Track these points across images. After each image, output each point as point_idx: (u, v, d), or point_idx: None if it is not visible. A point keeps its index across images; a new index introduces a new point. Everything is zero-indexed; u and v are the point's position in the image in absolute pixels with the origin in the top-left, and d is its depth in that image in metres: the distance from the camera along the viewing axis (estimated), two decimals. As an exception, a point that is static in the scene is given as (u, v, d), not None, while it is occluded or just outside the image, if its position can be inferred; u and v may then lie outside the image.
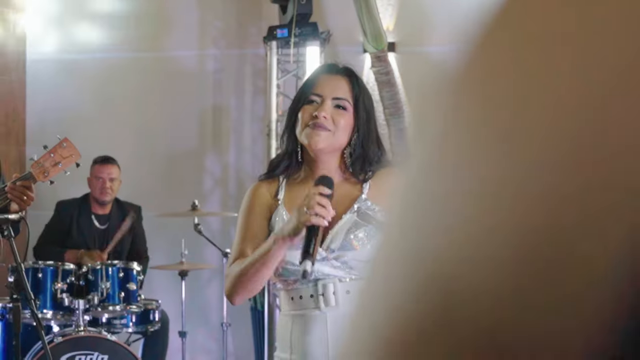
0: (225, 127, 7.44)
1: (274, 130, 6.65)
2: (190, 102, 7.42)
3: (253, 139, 7.42)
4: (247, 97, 7.42)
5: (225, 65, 7.42)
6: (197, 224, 5.86)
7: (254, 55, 7.39)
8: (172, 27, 7.43)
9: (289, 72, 6.82)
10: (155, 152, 7.43)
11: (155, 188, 7.29)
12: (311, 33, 6.48)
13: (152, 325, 5.90)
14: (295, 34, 6.43)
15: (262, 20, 7.35)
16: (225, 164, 7.45)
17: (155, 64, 7.38)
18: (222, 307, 7.10)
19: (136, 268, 5.71)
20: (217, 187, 7.45)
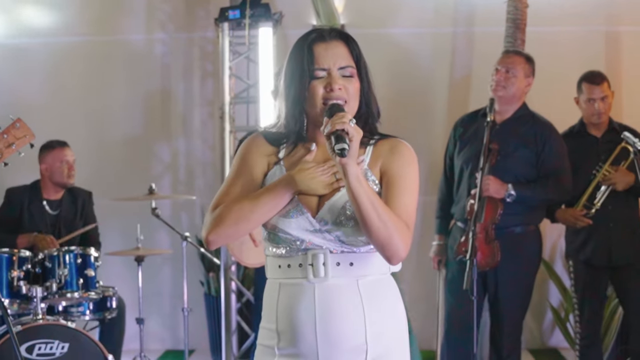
0: (174, 112, 7.35)
1: (227, 113, 6.58)
2: (138, 87, 7.31)
3: (203, 123, 7.34)
4: (195, 81, 7.33)
5: (174, 49, 7.32)
6: (154, 207, 5.76)
7: (202, 38, 7.31)
8: (120, 11, 7.31)
9: (240, 54, 6.75)
10: (104, 137, 7.31)
11: (104, 173, 7.18)
12: (264, 14, 6.43)
13: (110, 312, 5.80)
14: (248, 15, 6.35)
15: (210, 3, 7.28)
16: (174, 149, 7.36)
17: (103, 48, 7.25)
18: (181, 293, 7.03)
19: (94, 254, 5.60)
20: (167, 172, 7.36)
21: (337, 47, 2.77)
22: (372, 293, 2.74)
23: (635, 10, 7.09)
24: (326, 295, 2.71)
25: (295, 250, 2.73)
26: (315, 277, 2.71)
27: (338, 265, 2.71)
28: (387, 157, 2.76)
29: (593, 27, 7.13)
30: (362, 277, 2.73)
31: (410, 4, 7.17)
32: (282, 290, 2.76)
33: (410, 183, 2.74)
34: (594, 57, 6.88)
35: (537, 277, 7.01)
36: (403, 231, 2.63)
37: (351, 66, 2.76)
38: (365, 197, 2.57)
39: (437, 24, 7.21)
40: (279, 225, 2.73)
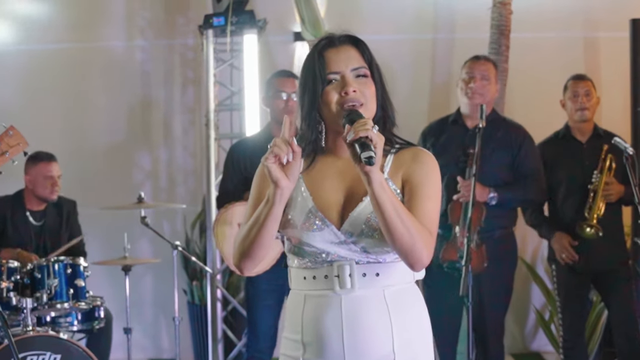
0: (155, 119, 7.29)
1: (212, 120, 6.53)
2: (118, 94, 7.25)
3: (184, 131, 7.30)
4: (176, 88, 7.29)
5: (154, 56, 7.27)
6: (143, 216, 5.71)
7: (182, 45, 7.27)
8: (100, 18, 7.24)
9: (224, 61, 6.71)
10: (84, 145, 7.24)
11: (84, 182, 7.10)
12: (248, 21, 6.40)
13: (99, 322, 5.74)
14: (232, 23, 6.32)
15: (190, 10, 7.24)
16: (155, 157, 7.30)
17: (82, 55, 7.18)
18: (164, 302, 6.99)
19: (83, 264, 5.55)
20: (148, 180, 7.30)
21: (348, 50, 2.75)
22: (398, 302, 2.73)
23: (612, 16, 7.16)
24: (353, 306, 2.70)
25: (320, 262, 2.72)
26: (341, 289, 2.70)
27: (364, 276, 2.70)
28: (409, 165, 2.74)
29: (571, 33, 7.19)
30: (388, 287, 2.72)
31: (391, 11, 7.18)
32: (307, 301, 2.75)
33: (433, 190, 2.73)
34: (573, 63, 6.94)
35: (519, 280, 7.11)
36: (426, 237, 2.62)
37: (364, 67, 2.74)
38: (389, 204, 2.55)
39: (418, 30, 7.23)
40: (304, 239, 2.72)
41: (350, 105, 2.67)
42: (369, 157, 2.49)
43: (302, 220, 2.71)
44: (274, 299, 5.51)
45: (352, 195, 2.72)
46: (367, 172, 2.52)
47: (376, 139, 2.51)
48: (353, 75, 2.72)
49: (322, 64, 2.73)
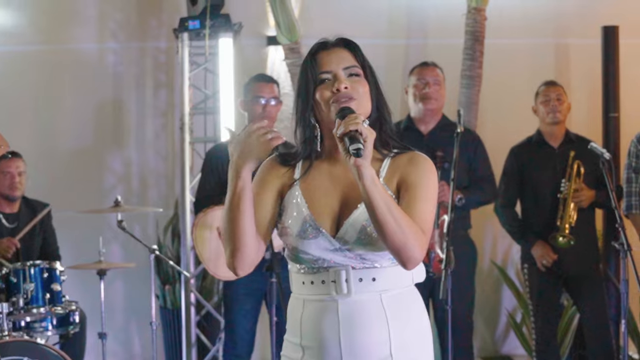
0: (127, 122, 7.23)
1: (187, 124, 6.50)
2: (89, 97, 7.18)
3: (156, 135, 7.24)
4: (148, 91, 7.23)
5: (126, 58, 7.21)
6: (120, 220, 5.67)
7: (155, 48, 7.22)
8: (71, 20, 7.17)
9: (198, 64, 6.68)
10: (54, 148, 7.16)
11: (54, 185, 7.02)
12: (224, 25, 6.38)
13: (73, 327, 5.68)
14: (208, 26, 6.30)
15: (163, 13, 7.20)
16: (127, 160, 7.24)
17: (53, 57, 7.10)
18: (136, 307, 6.95)
19: (59, 268, 5.51)
20: (119, 184, 7.24)
21: (340, 52, 2.78)
22: (396, 306, 2.74)
23: (582, 23, 7.24)
24: (350, 311, 2.71)
25: (317, 268, 2.73)
26: (338, 294, 2.71)
27: (361, 281, 2.71)
28: (405, 168, 2.74)
29: (543, 40, 7.25)
30: (385, 292, 2.73)
31: (364, 15, 7.18)
32: (306, 306, 2.77)
33: (428, 191, 2.72)
34: (544, 69, 7.01)
35: (490, 283, 7.18)
36: (418, 235, 2.61)
37: (356, 66, 2.76)
38: (381, 199, 2.54)
39: (391, 35, 7.25)
40: (299, 246, 2.73)
41: (343, 100, 2.67)
42: (357, 148, 2.50)
43: (298, 228, 2.72)
44: (251, 304, 5.51)
45: (347, 202, 2.72)
46: (358, 166, 2.52)
47: (366, 133, 2.53)
48: (345, 74, 2.73)
49: (314, 65, 2.76)
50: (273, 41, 7.12)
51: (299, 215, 2.73)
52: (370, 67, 2.81)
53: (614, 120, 6.53)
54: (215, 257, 5.36)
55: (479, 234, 6.99)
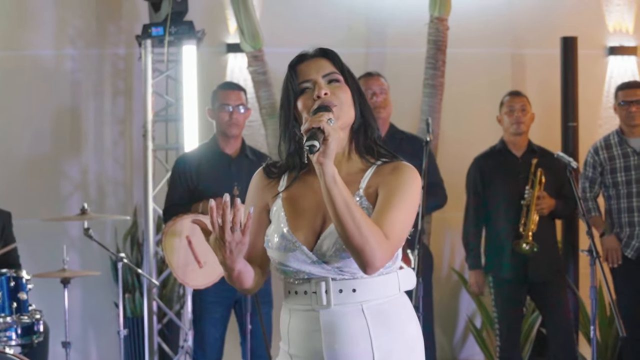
0: (84, 130, 7.15)
1: (150, 131, 6.45)
2: (47, 104, 7.09)
3: (114, 142, 7.17)
4: (106, 98, 7.16)
5: (84, 65, 7.13)
6: (87, 228, 5.60)
7: (113, 55, 7.15)
8: (28, 26, 7.07)
9: (160, 71, 6.64)
10: (10, 155, 7.05)
11: (10, 192, 6.89)
12: (187, 32, 6.34)
13: (38, 336, 5.58)
14: (171, 33, 6.27)
15: (122, 19, 7.14)
16: (84, 168, 7.16)
17: (10, 63, 6.99)
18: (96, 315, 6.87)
19: (26, 276, 5.40)
20: (77, 192, 7.15)
21: (318, 61, 2.79)
22: (378, 316, 2.72)
23: (539, 33, 7.35)
24: (331, 322, 2.72)
25: (299, 279, 2.74)
26: (318, 305, 2.71)
27: (341, 292, 2.71)
28: (386, 177, 2.73)
29: (502, 49, 7.34)
30: (367, 302, 2.72)
31: (324, 24, 7.21)
32: (292, 315, 2.79)
33: (403, 200, 2.68)
34: (504, 78, 7.11)
35: (448, 290, 7.24)
36: (379, 240, 2.57)
37: (335, 72, 2.76)
38: (340, 198, 2.53)
39: (351, 44, 7.27)
40: (279, 259, 2.74)
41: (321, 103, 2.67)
42: (310, 145, 2.48)
43: (277, 241, 2.73)
44: (221, 312, 5.50)
45: (326, 214, 2.70)
46: (319, 164, 2.52)
47: (329, 131, 2.51)
48: (325, 81, 2.73)
49: (294, 76, 2.76)
50: (232, 48, 7.12)
51: (278, 228, 2.75)
52: (351, 73, 2.81)
53: (572, 129, 6.64)
54: (184, 265, 5.33)
55: (437, 241, 7.07)
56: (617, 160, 6.12)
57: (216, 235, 2.57)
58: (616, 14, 7.49)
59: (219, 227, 2.55)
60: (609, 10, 7.47)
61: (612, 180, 6.13)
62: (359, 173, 2.75)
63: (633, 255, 6.04)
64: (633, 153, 6.10)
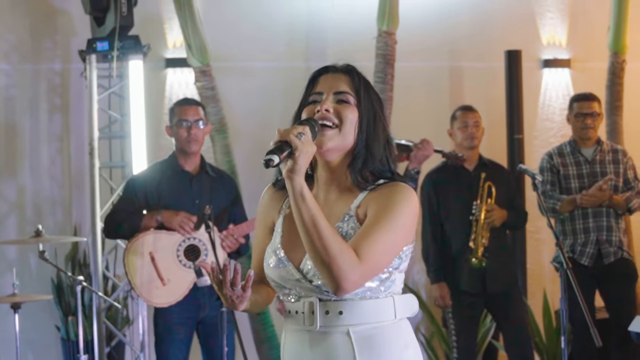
0: (20, 148, 6.90)
1: (96, 148, 6.26)
2: (-21, 121, 6.83)
3: (51, 160, 6.94)
4: (42, 115, 6.92)
5: (18, 81, 6.89)
6: (42, 251, 5.39)
7: (49, 70, 6.92)
8: (-40, 41, 6.81)
9: (104, 87, 6.46)
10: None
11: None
12: (133, 47, 6.19)
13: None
14: (117, 47, 6.11)
15: (57, 34, 6.93)
16: (20, 187, 6.91)
17: (-59, 80, 6.72)
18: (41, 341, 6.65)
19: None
20: (12, 212, 6.90)
21: (338, 76, 2.70)
22: (366, 343, 2.62)
23: (475, 46, 7.44)
24: (318, 344, 2.65)
25: (290, 298, 2.69)
26: (306, 326, 2.65)
27: (327, 313, 2.63)
28: (379, 197, 2.62)
29: (439, 63, 7.40)
30: (354, 326, 2.62)
31: (265, 38, 7.15)
32: (286, 336, 2.75)
33: (390, 221, 2.56)
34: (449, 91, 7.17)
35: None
36: (349, 261, 2.47)
37: (349, 93, 2.66)
38: (307, 214, 2.47)
39: (291, 58, 7.23)
40: (269, 274, 2.71)
41: (323, 125, 2.60)
42: (266, 159, 2.43)
43: (273, 259, 2.69)
44: (184, 333, 5.37)
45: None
46: (288, 178, 2.47)
47: (297, 145, 2.44)
48: (335, 98, 2.65)
49: (311, 86, 2.72)
50: (171, 63, 7.00)
51: (273, 244, 2.72)
52: (372, 98, 2.69)
53: (518, 141, 6.71)
54: (148, 282, 5.21)
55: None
56: (570, 168, 6.23)
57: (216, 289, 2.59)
58: (550, 27, 7.63)
59: (217, 282, 2.57)
60: (542, 23, 7.61)
61: (565, 187, 6.22)
62: (353, 192, 2.67)
63: (589, 263, 6.13)
64: (585, 162, 6.21)
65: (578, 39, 7.67)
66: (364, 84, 2.70)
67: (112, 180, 6.53)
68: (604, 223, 6.17)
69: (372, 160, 2.66)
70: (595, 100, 6.28)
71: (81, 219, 6.88)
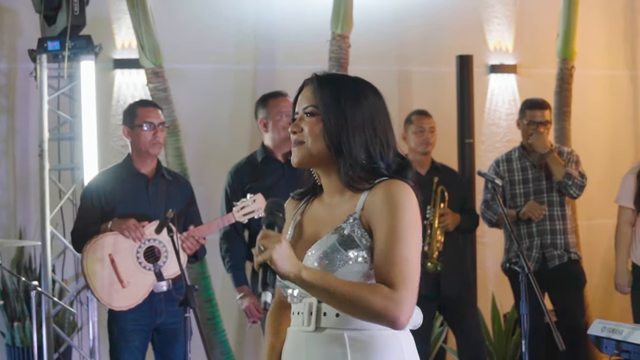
0: (-38, 151, 6.73)
1: (46, 150, 6.10)
2: None
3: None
4: (-15, 116, 6.76)
5: (-41, 81, 6.72)
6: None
7: (-9, 70, 6.76)
8: None
9: (54, 88, 6.32)
10: None
11: None
12: (85, 47, 6.06)
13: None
14: (69, 47, 5.98)
15: (3, 34, 6.77)
16: (-37, 190, 6.74)
17: None
18: None
19: None
20: (-45, 216, 6.73)
21: (306, 91, 2.70)
22: (361, 349, 2.58)
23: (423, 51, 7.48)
24: (315, 346, 2.63)
25: (293, 299, 2.69)
26: (303, 327, 2.65)
27: (325, 315, 2.61)
28: (377, 204, 2.57)
29: (388, 67, 7.41)
30: (351, 331, 2.58)
31: (213, 41, 7.08)
32: (288, 336, 2.75)
33: (405, 235, 2.53)
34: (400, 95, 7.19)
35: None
36: (385, 299, 2.46)
37: (312, 105, 2.65)
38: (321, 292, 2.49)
39: (239, 61, 7.18)
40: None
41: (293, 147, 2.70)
42: (263, 302, 2.43)
43: None
44: (139, 340, 5.28)
45: (316, 236, 2.65)
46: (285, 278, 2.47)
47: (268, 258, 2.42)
48: (303, 115, 2.68)
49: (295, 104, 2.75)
50: (120, 64, 6.89)
51: None
52: (335, 103, 2.63)
53: (469, 146, 6.75)
54: (109, 285, 5.11)
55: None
56: (516, 173, 6.29)
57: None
58: (496, 33, 7.70)
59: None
60: (489, 29, 7.68)
61: (510, 193, 6.28)
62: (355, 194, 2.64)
63: (535, 267, 6.18)
64: (531, 166, 6.28)
65: (524, 45, 7.76)
66: (326, 89, 2.66)
67: (61, 182, 6.40)
68: (548, 227, 6.24)
69: (354, 162, 2.62)
70: (548, 108, 6.35)
71: (26, 222, 6.73)
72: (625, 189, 6.10)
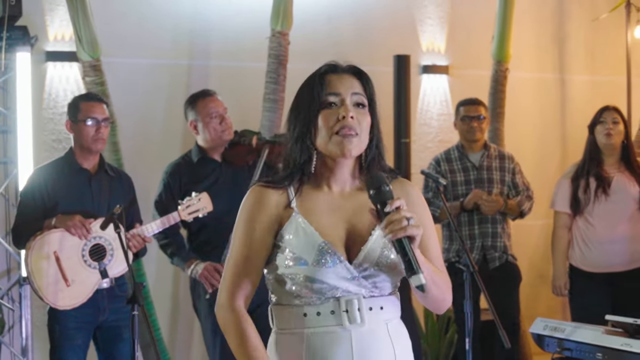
0: None
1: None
2: None
3: None
4: None
5: None
6: None
7: None
8: None
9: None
10: None
11: None
12: (21, 38, 5.93)
13: None
14: (4, 38, 5.84)
15: None
16: None
17: None
18: None
19: None
20: None
21: (350, 78, 2.70)
22: (397, 335, 2.72)
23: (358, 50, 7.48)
24: (363, 341, 2.64)
25: (327, 298, 2.64)
26: (351, 324, 2.63)
27: (370, 310, 2.65)
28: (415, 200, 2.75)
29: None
30: (390, 321, 2.70)
31: (149, 35, 6.98)
32: (309, 340, 2.65)
33: (430, 226, 2.79)
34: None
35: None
36: (449, 284, 2.75)
37: (363, 95, 2.68)
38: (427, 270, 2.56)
39: (174, 56, 7.09)
40: (316, 275, 2.61)
41: (346, 132, 2.60)
42: (419, 285, 2.45)
43: (313, 257, 2.61)
44: (82, 338, 5.17)
45: (355, 230, 2.66)
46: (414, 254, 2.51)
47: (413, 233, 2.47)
48: (352, 102, 2.65)
49: (322, 85, 2.66)
50: (52, 57, 6.74)
51: (312, 243, 2.62)
52: (375, 101, 2.73)
53: (405, 145, 6.78)
54: (54, 284, 4.99)
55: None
56: (458, 174, 6.32)
57: None
58: (429, 34, 7.76)
59: None
60: (422, 30, 7.73)
61: (453, 193, 6.31)
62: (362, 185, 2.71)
63: (475, 267, 6.24)
64: (472, 167, 6.32)
65: (457, 46, 7.83)
66: (371, 85, 2.73)
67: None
68: (489, 230, 6.29)
69: (381, 160, 2.73)
70: (481, 105, 6.41)
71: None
72: (561, 194, 6.17)
